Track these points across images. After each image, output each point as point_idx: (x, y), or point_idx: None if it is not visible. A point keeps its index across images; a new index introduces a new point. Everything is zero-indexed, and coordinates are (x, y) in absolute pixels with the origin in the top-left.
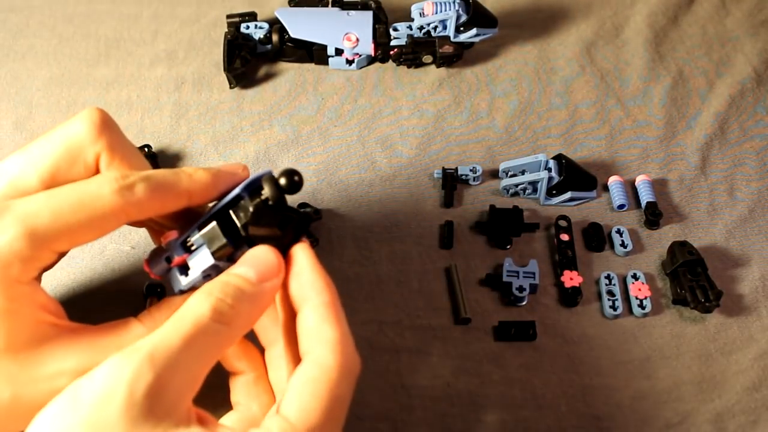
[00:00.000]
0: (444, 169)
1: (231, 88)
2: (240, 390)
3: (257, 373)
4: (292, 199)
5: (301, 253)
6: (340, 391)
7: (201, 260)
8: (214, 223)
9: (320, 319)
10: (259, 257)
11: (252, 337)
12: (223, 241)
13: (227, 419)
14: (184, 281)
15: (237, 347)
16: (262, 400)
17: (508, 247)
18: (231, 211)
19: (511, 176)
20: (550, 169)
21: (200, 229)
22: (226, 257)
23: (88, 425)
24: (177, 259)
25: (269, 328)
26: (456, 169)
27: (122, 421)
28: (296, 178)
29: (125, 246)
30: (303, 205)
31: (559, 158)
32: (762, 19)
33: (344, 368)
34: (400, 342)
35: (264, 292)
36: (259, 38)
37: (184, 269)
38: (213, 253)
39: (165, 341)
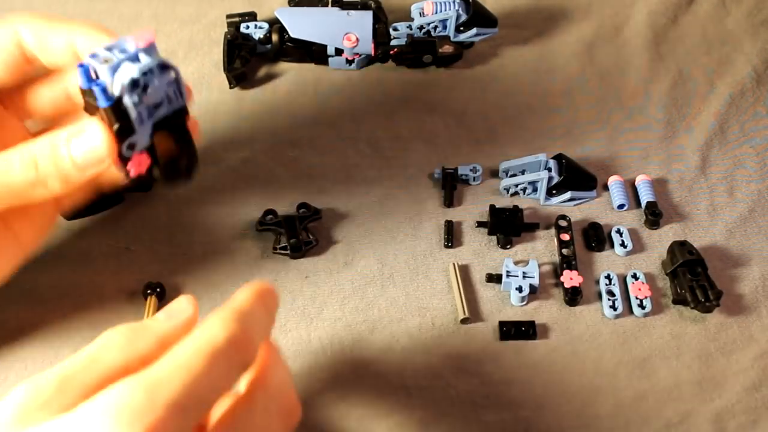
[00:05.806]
0: (444, 169)
1: (231, 88)
2: None
3: None
4: (292, 200)
5: None
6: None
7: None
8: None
9: None
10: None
11: None
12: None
13: None
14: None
15: None
16: None
17: (509, 247)
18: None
19: (511, 176)
20: (550, 169)
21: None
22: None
23: None
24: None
25: None
26: (456, 169)
27: None
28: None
29: (122, 245)
30: (302, 205)
31: (559, 158)
32: (762, 19)
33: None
34: (401, 341)
35: None
36: (259, 38)
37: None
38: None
39: None
